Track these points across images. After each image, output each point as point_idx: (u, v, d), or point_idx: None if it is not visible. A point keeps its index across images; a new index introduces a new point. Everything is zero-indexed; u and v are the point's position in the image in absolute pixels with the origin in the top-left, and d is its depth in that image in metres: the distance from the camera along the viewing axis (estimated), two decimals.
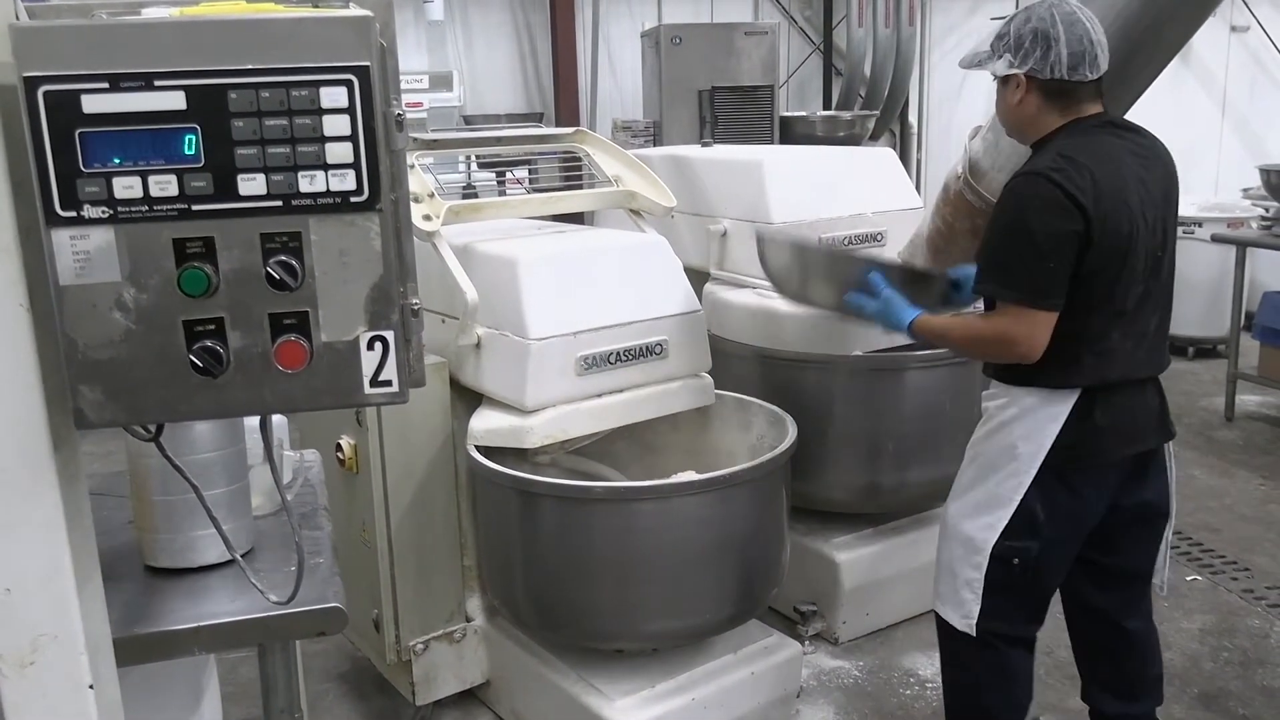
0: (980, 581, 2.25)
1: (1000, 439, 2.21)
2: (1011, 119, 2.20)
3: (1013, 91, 2.14)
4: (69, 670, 1.08)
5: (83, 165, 0.99)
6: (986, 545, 2.23)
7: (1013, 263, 2.07)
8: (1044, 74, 2.08)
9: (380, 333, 1.10)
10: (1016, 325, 2.07)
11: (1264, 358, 5.28)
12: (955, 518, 2.30)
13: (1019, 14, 2.12)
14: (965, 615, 2.28)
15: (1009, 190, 2.09)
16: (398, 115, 1.07)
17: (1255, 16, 7.50)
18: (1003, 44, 2.11)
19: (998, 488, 2.21)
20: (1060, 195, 2.00)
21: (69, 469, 1.08)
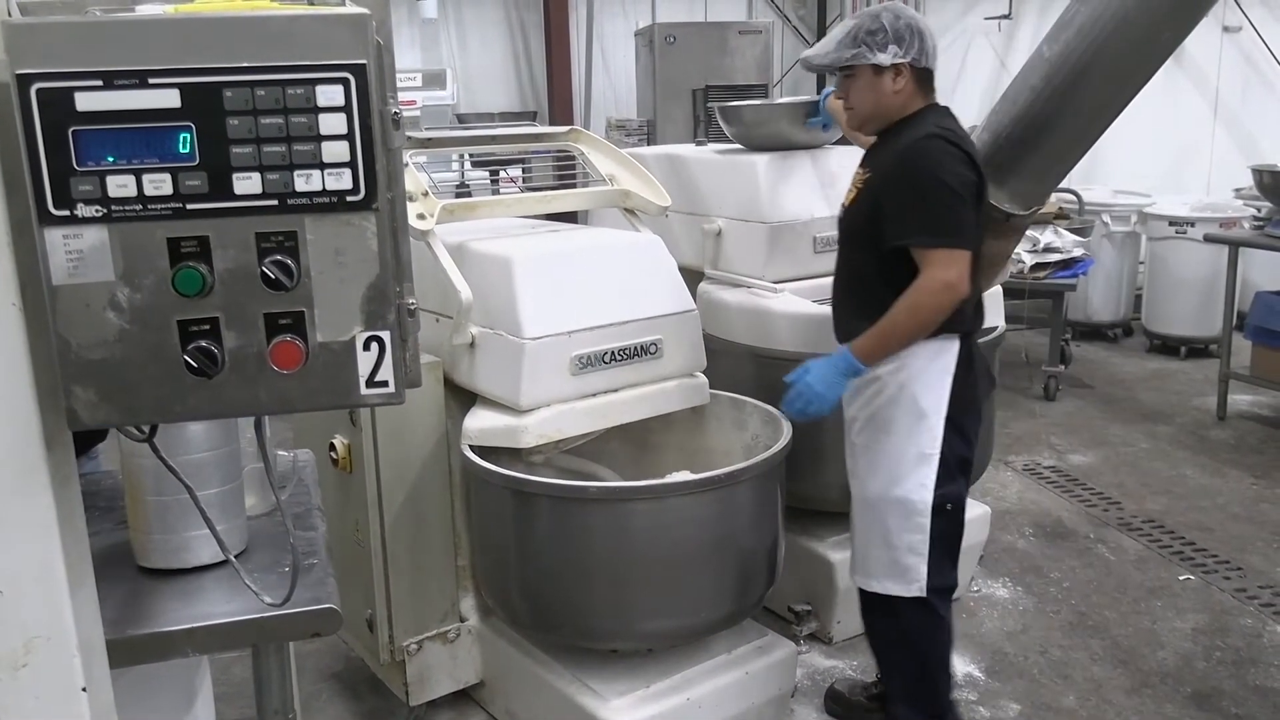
0: (926, 541, 2.40)
1: (903, 401, 2.37)
2: (885, 105, 2.40)
3: (893, 79, 2.37)
4: (62, 672, 1.07)
5: (76, 163, 0.98)
6: (925, 504, 2.39)
7: (937, 211, 2.26)
8: (921, 62, 2.37)
9: (376, 333, 1.09)
10: (949, 268, 2.25)
11: (1256, 358, 5.29)
12: (881, 490, 2.42)
13: (872, 15, 2.35)
14: (911, 580, 2.42)
15: (915, 151, 2.30)
16: (394, 114, 1.07)
17: (1248, 17, 7.52)
18: (881, 38, 2.33)
19: (917, 447, 2.38)
20: (960, 152, 2.30)
21: (62, 470, 1.07)
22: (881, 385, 2.39)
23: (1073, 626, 3.39)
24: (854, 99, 2.45)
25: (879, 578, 2.46)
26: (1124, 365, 6.45)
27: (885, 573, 2.45)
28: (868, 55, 2.35)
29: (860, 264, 2.44)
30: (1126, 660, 3.18)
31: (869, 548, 2.48)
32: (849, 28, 2.40)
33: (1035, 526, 4.15)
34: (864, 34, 2.35)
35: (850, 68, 2.40)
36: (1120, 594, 3.60)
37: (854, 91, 2.44)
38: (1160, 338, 6.64)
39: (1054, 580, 3.70)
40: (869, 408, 2.43)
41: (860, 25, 2.36)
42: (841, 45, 2.38)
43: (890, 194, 2.33)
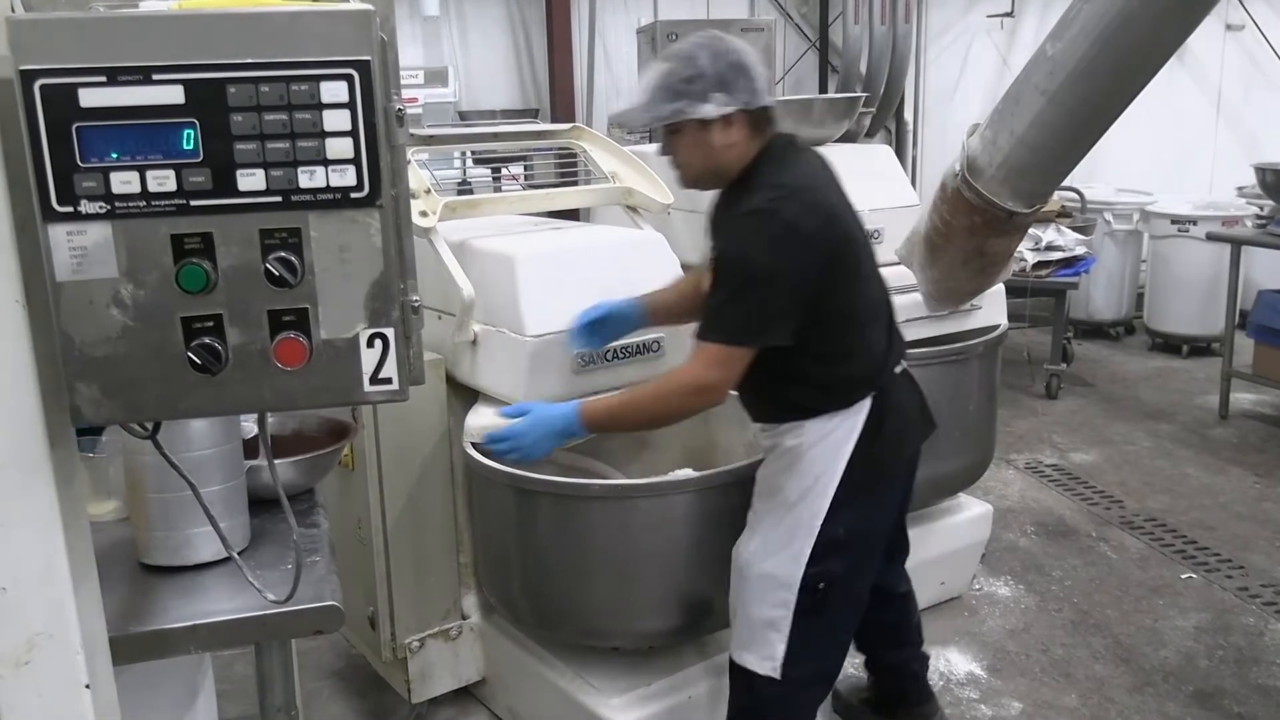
0: (788, 619, 2.15)
1: (795, 470, 2.13)
2: (718, 161, 2.07)
3: (722, 131, 2.03)
4: (65, 669, 1.07)
5: (80, 160, 0.98)
6: (793, 579, 2.13)
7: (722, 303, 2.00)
8: (753, 104, 2.03)
9: (380, 330, 1.09)
10: (713, 369, 2.01)
11: (1258, 356, 5.29)
12: (752, 559, 2.19)
13: (685, 57, 2.01)
14: (767, 657, 2.17)
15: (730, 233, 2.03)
16: (398, 110, 1.06)
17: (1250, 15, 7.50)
18: (701, 86, 1.99)
19: (797, 519, 2.13)
20: (780, 223, 1.97)
21: (65, 467, 1.07)
22: (779, 452, 2.17)
23: (1075, 625, 3.38)
24: (682, 157, 2.11)
25: (742, 649, 2.22)
26: (1126, 364, 6.45)
27: (744, 643, 2.21)
28: (688, 110, 2.00)
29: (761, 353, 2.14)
30: (1128, 659, 3.18)
31: (737, 616, 2.24)
32: (662, 74, 2.03)
33: (1037, 525, 4.15)
34: (680, 83, 1.99)
35: (673, 123, 2.06)
36: (1122, 592, 3.60)
37: (680, 149, 2.09)
38: (1162, 336, 6.64)
39: (1056, 578, 3.70)
40: (764, 470, 2.22)
41: (674, 73, 2.00)
42: (657, 99, 2.02)
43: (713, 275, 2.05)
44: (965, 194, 2.75)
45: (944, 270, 2.99)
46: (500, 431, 2.13)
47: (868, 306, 2.15)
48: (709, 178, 2.13)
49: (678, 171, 2.15)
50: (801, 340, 2.04)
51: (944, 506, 3.47)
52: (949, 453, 3.23)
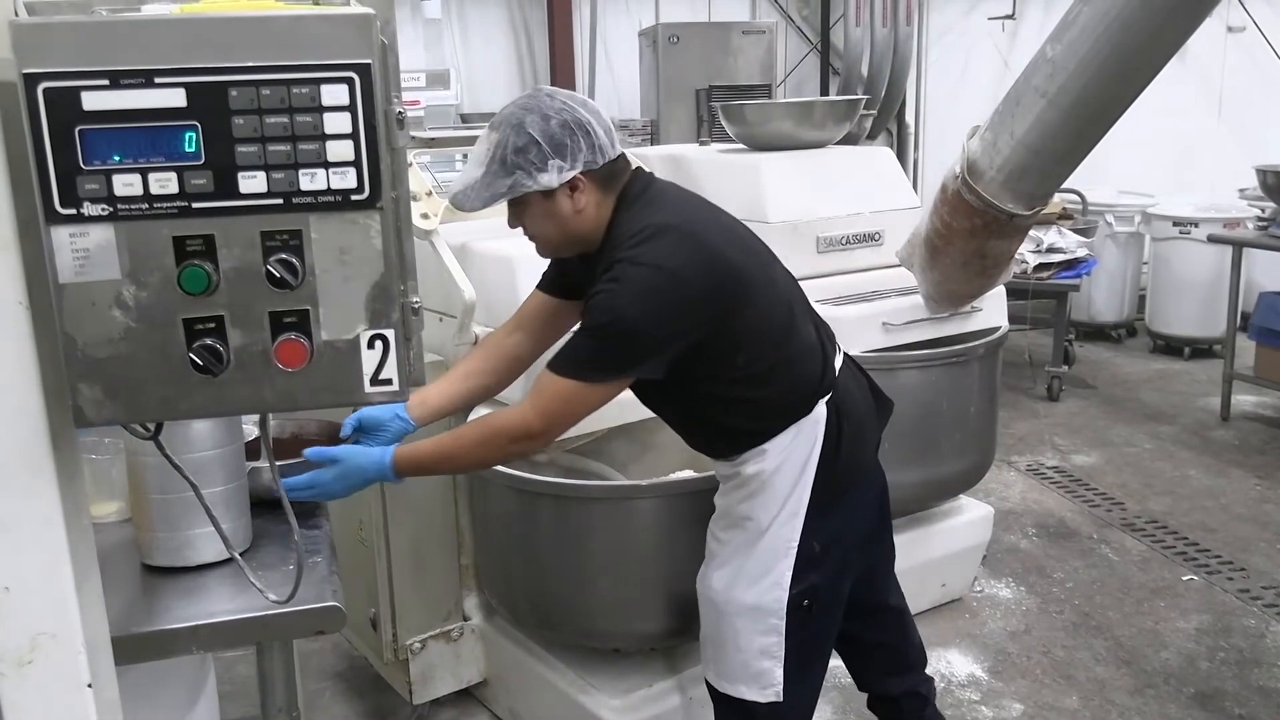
0: (781, 643, 2.05)
1: (762, 497, 2.02)
2: (573, 229, 1.92)
3: (567, 199, 1.88)
4: (68, 669, 1.07)
5: (82, 162, 0.99)
6: (780, 605, 2.03)
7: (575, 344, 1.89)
8: (597, 163, 1.88)
9: (381, 331, 1.09)
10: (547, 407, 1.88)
11: (1260, 358, 5.29)
12: (727, 590, 2.07)
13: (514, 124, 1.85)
14: (767, 685, 2.08)
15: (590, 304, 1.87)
16: (399, 113, 1.07)
17: (1252, 17, 7.50)
18: (536, 154, 1.83)
19: (772, 544, 2.03)
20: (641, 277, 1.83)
21: (68, 467, 1.07)
22: (740, 480, 2.05)
23: (1076, 627, 3.39)
24: (532, 229, 1.96)
25: (728, 679, 2.11)
26: (1127, 366, 6.45)
27: (736, 676, 2.10)
28: (525, 182, 1.85)
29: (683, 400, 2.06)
30: (1129, 660, 3.18)
31: (715, 647, 2.13)
32: (491, 146, 1.86)
33: (1038, 527, 4.15)
34: (512, 155, 1.84)
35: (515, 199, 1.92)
36: (1123, 594, 3.60)
37: (529, 222, 1.94)
38: (1164, 338, 6.64)
39: (1057, 580, 3.70)
40: (725, 499, 2.11)
41: (504, 143, 1.84)
42: (490, 175, 1.86)
43: None
44: (966, 196, 2.76)
45: (944, 272, 2.99)
46: (302, 479, 1.86)
47: (783, 305, 2.02)
48: (570, 246, 1.98)
49: (535, 242, 2.01)
50: (726, 368, 1.94)
51: (945, 508, 3.47)
52: (950, 455, 3.24)
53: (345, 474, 1.90)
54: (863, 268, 3.29)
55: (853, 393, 2.11)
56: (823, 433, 2.02)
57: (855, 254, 3.27)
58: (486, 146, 1.87)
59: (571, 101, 1.90)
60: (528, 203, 1.90)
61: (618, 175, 1.95)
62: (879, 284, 3.26)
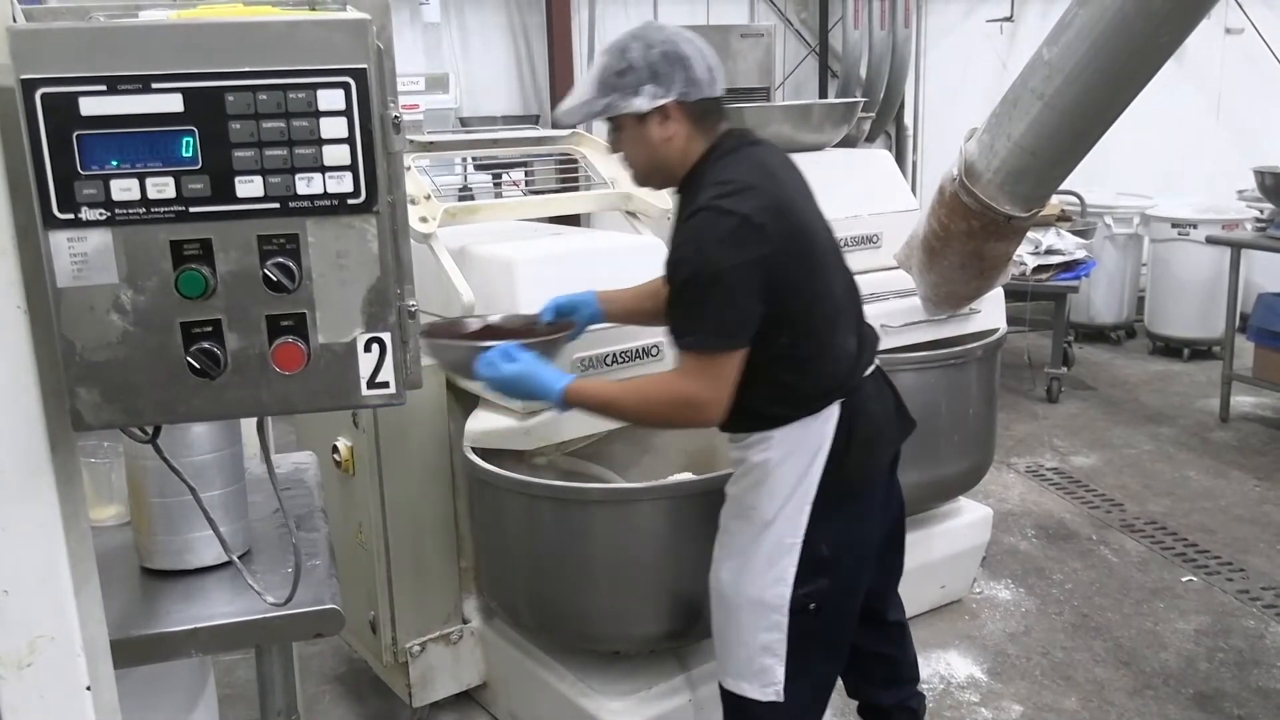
0: (783, 641, 2.05)
1: (767, 485, 2.02)
2: (661, 157, 1.98)
3: (658, 126, 1.94)
4: (66, 672, 1.08)
5: (80, 167, 0.99)
6: (783, 601, 2.03)
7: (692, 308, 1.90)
8: (691, 95, 1.93)
9: (377, 334, 1.10)
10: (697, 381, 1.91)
11: (1258, 359, 5.29)
12: (733, 584, 2.08)
13: (618, 49, 1.93)
14: (768, 683, 2.07)
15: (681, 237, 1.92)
16: (395, 118, 1.07)
17: (1250, 19, 7.51)
18: (632, 79, 1.90)
19: (776, 537, 2.03)
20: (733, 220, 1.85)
21: (66, 471, 1.08)
22: (747, 467, 2.05)
23: (1075, 628, 3.39)
24: (627, 154, 2.04)
25: (733, 675, 2.12)
26: (1126, 367, 6.45)
27: (739, 672, 2.11)
28: (620, 104, 1.92)
29: None
30: (1129, 661, 3.19)
31: (722, 642, 2.15)
32: (596, 70, 1.96)
33: (1038, 528, 4.15)
34: (612, 77, 1.92)
35: (612, 119, 1.99)
36: (1123, 595, 3.60)
37: (623, 145, 2.02)
38: (1163, 339, 6.64)
39: (1056, 582, 3.70)
40: (734, 487, 2.11)
41: (609, 66, 1.93)
42: (591, 95, 1.95)
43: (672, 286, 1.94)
44: (963, 198, 2.76)
45: (942, 274, 3.00)
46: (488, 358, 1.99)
47: (834, 305, 2.05)
48: (657, 175, 2.05)
49: (628, 169, 2.09)
50: (767, 343, 1.94)
51: (944, 510, 3.47)
52: (949, 456, 3.24)
53: (522, 376, 1.98)
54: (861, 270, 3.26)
55: (871, 402, 2.10)
56: (831, 433, 2.01)
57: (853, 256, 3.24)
58: (593, 69, 1.97)
59: (678, 36, 1.95)
60: (623, 126, 1.98)
61: (712, 116, 1.99)
62: (877, 286, 3.26)
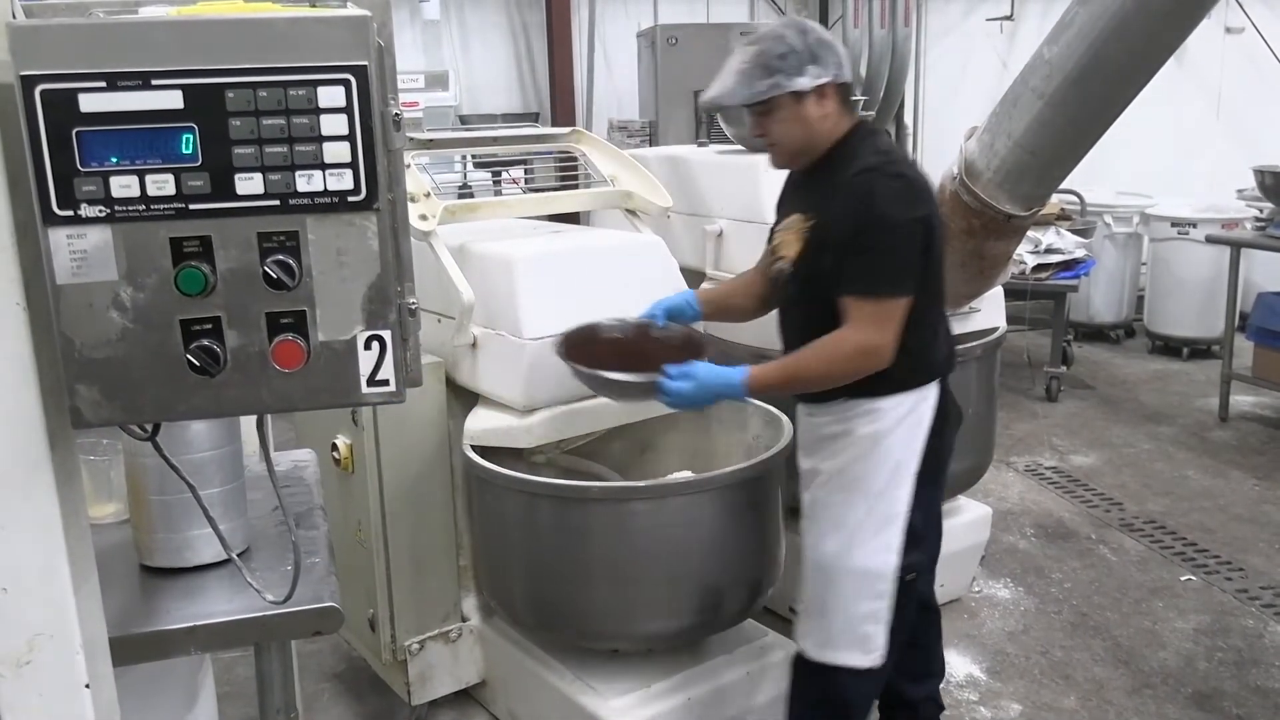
0: (885, 609, 2.19)
1: (875, 456, 2.15)
2: (814, 134, 2.14)
3: (817, 103, 2.11)
4: (65, 670, 1.07)
5: (80, 164, 0.99)
6: (889, 569, 2.17)
7: (873, 258, 2.04)
8: (841, 78, 2.13)
9: (377, 332, 1.10)
10: (876, 329, 2.04)
11: (1258, 358, 5.29)
12: (839, 555, 2.19)
13: (774, 36, 2.10)
14: (870, 650, 2.20)
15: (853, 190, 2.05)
16: (395, 115, 1.07)
17: (1250, 18, 7.51)
18: (794, 61, 2.07)
19: (886, 507, 2.16)
20: (903, 183, 2.07)
21: (65, 468, 1.08)
22: (851, 439, 2.16)
23: (1074, 627, 3.39)
24: (777, 134, 2.16)
25: (835, 648, 2.21)
26: (1126, 366, 6.45)
27: (842, 643, 2.21)
28: (785, 83, 2.07)
29: (827, 323, 2.12)
30: (1128, 661, 3.19)
31: (825, 615, 2.23)
32: (752, 56, 2.10)
33: (1037, 527, 4.15)
34: (774, 60, 2.07)
35: (765, 101, 2.13)
36: (1121, 594, 3.60)
37: (775, 126, 2.14)
38: (1162, 339, 6.64)
39: (1055, 581, 3.70)
40: (835, 461, 2.20)
41: (767, 50, 2.08)
42: (750, 78, 2.09)
43: (837, 236, 2.07)
44: (963, 197, 2.77)
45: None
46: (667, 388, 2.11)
47: (943, 285, 2.21)
48: (803, 153, 2.18)
49: (771, 151, 2.21)
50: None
51: (943, 508, 3.46)
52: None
53: (704, 387, 2.11)
54: None
55: (950, 391, 2.28)
56: (931, 411, 2.18)
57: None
58: (746, 55, 2.10)
59: (819, 27, 2.15)
60: (777, 106, 2.11)
61: (850, 99, 2.19)
62: None
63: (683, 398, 2.11)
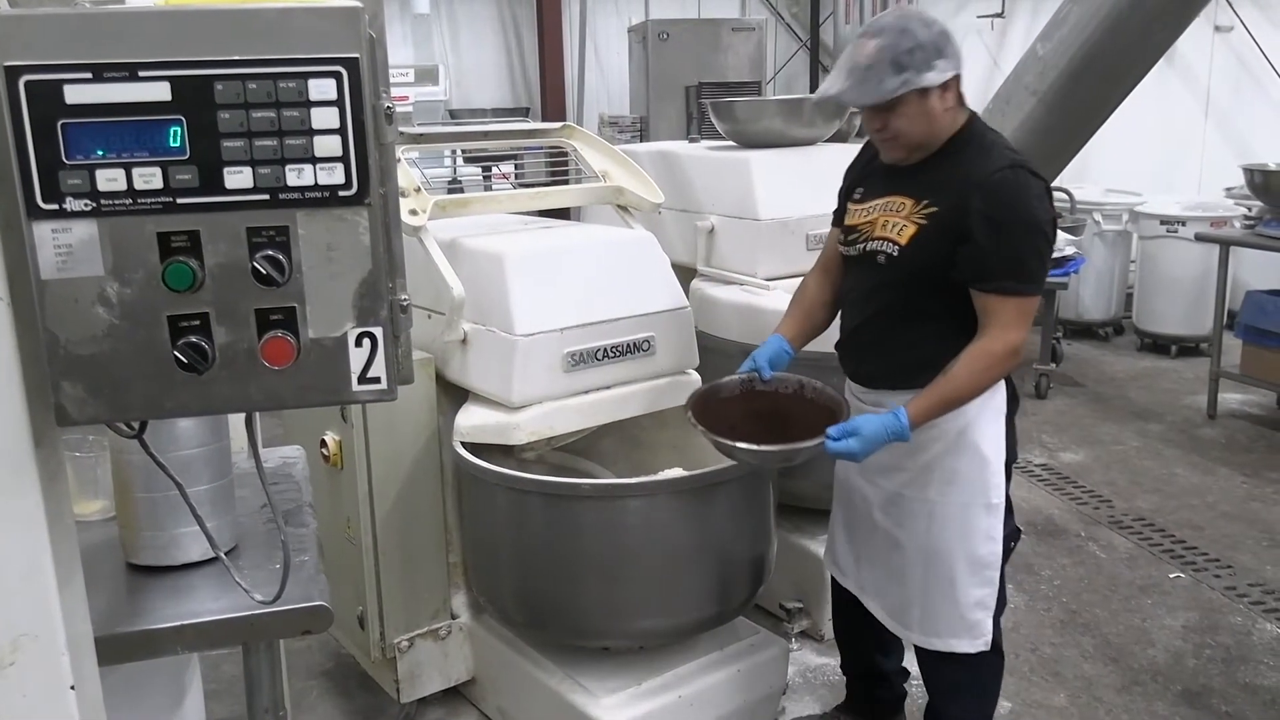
0: (993, 594, 2.27)
1: (964, 449, 2.21)
2: (939, 127, 2.13)
3: (941, 97, 2.09)
4: (50, 670, 1.06)
5: (65, 157, 0.98)
6: (995, 558, 2.25)
7: (1026, 256, 2.07)
8: (960, 70, 2.11)
9: (369, 329, 1.08)
10: (1019, 327, 2.08)
11: (1246, 356, 5.31)
12: (947, 545, 2.25)
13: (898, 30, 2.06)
14: (979, 635, 2.28)
15: (1007, 186, 2.05)
16: (387, 108, 1.06)
17: (1239, 17, 7.54)
18: (922, 56, 2.04)
19: (984, 498, 2.23)
20: (1044, 185, 2.09)
21: (50, 466, 1.06)
22: (939, 433, 2.20)
23: (1063, 624, 3.39)
24: (900, 128, 2.12)
25: (944, 636, 2.30)
26: (1115, 364, 6.47)
27: (951, 631, 2.29)
28: (915, 79, 2.03)
29: (926, 308, 2.18)
30: (1117, 658, 3.19)
31: (934, 605, 2.29)
32: (878, 49, 2.04)
33: (1026, 524, 4.15)
34: (903, 55, 2.03)
35: None
36: (1111, 592, 3.61)
37: (901, 121, 2.10)
38: (1151, 336, 6.66)
39: (1045, 578, 3.71)
40: (922, 457, 2.24)
41: (894, 46, 2.03)
42: (879, 74, 2.04)
43: (981, 231, 2.06)
44: None
45: None
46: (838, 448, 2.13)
47: None
48: (924, 146, 2.16)
49: (889, 144, 2.17)
50: None
51: None
52: None
53: (868, 440, 2.12)
54: None
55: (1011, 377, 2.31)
56: (1005, 400, 2.25)
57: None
58: (871, 50, 2.04)
59: (937, 19, 2.12)
60: (904, 101, 2.06)
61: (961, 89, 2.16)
62: None
63: (853, 455, 2.14)
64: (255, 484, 1.38)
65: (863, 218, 2.25)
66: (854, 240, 2.27)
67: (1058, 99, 2.52)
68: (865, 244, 2.23)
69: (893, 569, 2.36)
